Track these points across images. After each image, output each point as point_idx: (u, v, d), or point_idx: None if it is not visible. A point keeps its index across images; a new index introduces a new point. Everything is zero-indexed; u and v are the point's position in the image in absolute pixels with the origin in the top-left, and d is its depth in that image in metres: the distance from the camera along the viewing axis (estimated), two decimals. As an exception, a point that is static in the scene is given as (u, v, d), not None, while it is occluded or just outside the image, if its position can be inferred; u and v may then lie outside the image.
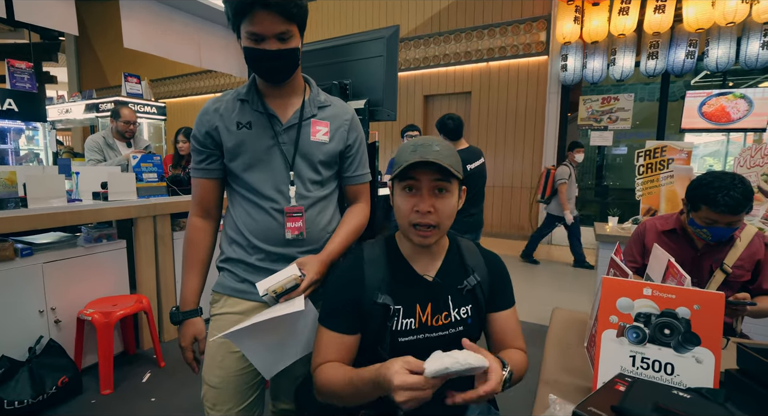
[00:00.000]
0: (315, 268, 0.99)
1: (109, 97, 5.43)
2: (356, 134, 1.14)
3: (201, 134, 1.05)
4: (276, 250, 1.06)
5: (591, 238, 5.59)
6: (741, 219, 1.33)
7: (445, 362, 0.67)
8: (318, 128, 1.07)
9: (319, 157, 1.07)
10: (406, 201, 0.85)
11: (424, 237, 0.85)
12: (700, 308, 0.74)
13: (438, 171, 0.82)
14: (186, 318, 1.07)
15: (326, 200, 1.12)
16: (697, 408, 0.54)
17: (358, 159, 1.15)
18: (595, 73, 5.24)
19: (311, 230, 1.08)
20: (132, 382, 2.13)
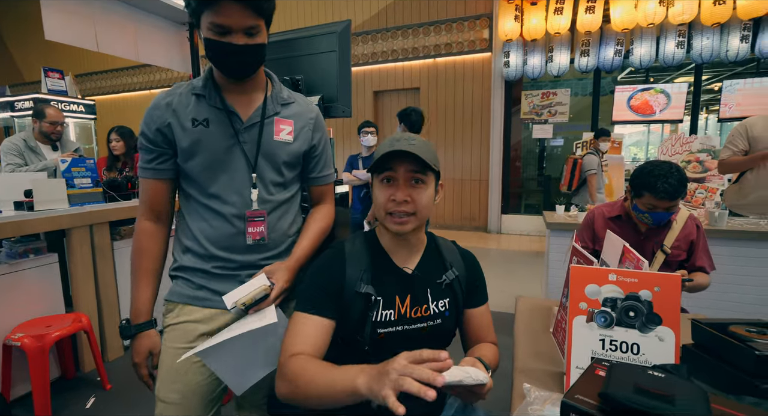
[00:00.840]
0: (284, 276, 0.97)
1: (27, 94, 4.87)
2: (321, 134, 1.10)
3: (151, 131, 0.96)
4: (235, 257, 1.00)
5: (539, 225, 5.92)
6: (677, 204, 1.46)
7: (457, 374, 0.68)
8: (282, 126, 1.02)
9: (283, 158, 1.02)
10: (383, 192, 0.87)
11: (400, 225, 0.86)
12: (660, 290, 0.79)
13: (414, 162, 0.84)
14: (139, 330, 0.98)
15: (288, 204, 1.08)
16: (670, 385, 0.58)
17: (324, 159, 1.12)
18: (535, 70, 5.51)
19: (273, 235, 1.04)
20: (74, 410, 1.94)
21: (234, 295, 0.89)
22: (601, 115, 5.73)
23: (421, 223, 0.90)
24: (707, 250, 1.61)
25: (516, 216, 6.20)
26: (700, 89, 5.38)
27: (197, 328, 1.00)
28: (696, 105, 5.38)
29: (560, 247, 2.62)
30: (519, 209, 6.54)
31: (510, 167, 6.20)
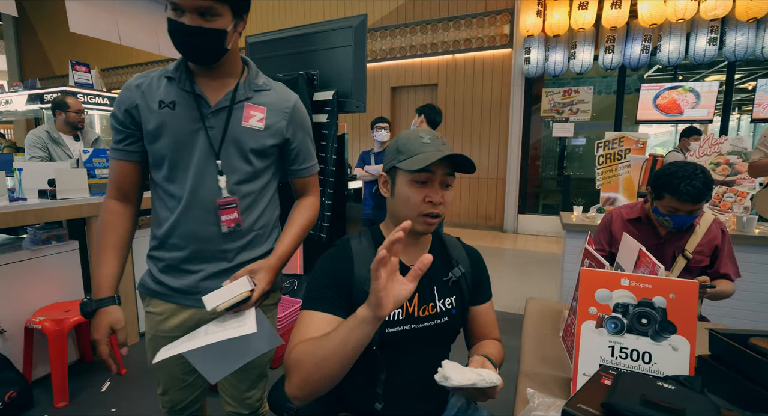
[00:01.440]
0: (266, 277, 0.94)
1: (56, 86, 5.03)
2: (298, 126, 1.05)
3: (120, 112, 0.96)
4: (199, 247, 0.99)
5: (556, 226, 5.80)
6: (701, 207, 1.39)
7: (471, 377, 0.68)
8: (252, 113, 0.98)
9: (251, 145, 0.98)
10: (418, 192, 0.85)
11: (430, 225, 0.86)
12: (676, 297, 0.75)
13: (449, 165, 0.85)
14: (99, 306, 0.94)
15: (256, 195, 1.03)
16: (681, 398, 0.55)
17: (304, 150, 1.08)
18: (557, 66, 5.38)
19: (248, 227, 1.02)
20: (90, 392, 2.00)
21: (214, 298, 0.86)
22: (625, 114, 5.56)
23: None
24: (733, 256, 1.53)
25: (533, 216, 6.09)
26: (732, 88, 5.15)
27: (161, 321, 1.03)
28: (727, 105, 5.16)
29: (577, 249, 2.55)
30: (537, 209, 6.42)
31: (528, 165, 6.09)
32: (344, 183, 2.52)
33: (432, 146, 0.85)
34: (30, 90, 5.12)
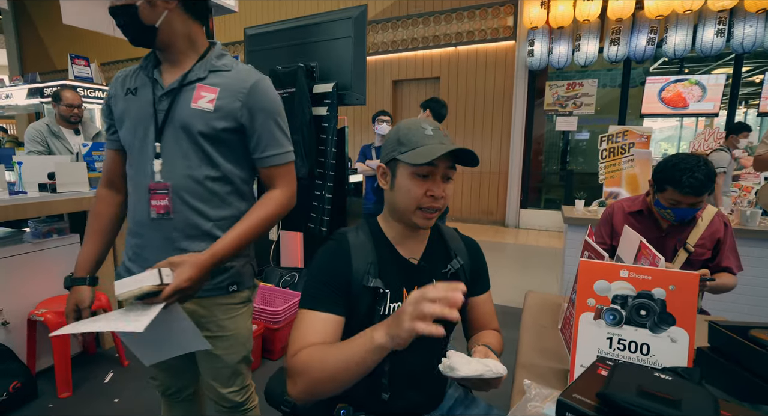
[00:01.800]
0: (186, 273, 0.84)
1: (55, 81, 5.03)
2: (258, 109, 0.97)
3: (105, 103, 1.03)
4: (151, 234, 0.98)
5: (558, 221, 5.78)
6: (703, 200, 1.38)
7: (478, 368, 0.67)
8: (203, 93, 0.94)
9: (199, 127, 0.93)
10: (419, 186, 0.83)
11: (428, 220, 0.85)
12: (675, 289, 0.74)
13: (451, 159, 0.83)
14: (73, 284, 1.01)
15: (214, 182, 0.98)
16: (678, 389, 0.54)
17: (266, 137, 0.99)
18: (561, 59, 5.32)
19: (183, 213, 0.96)
20: (93, 383, 2.01)
21: (125, 283, 0.80)
22: (629, 108, 5.51)
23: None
24: (735, 250, 1.52)
25: (535, 211, 6.07)
26: (739, 81, 5.09)
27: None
28: (734, 98, 5.10)
29: (578, 242, 2.54)
30: (539, 204, 6.40)
31: (531, 160, 6.05)
32: (345, 177, 2.50)
33: (435, 138, 0.83)
34: (30, 84, 5.12)
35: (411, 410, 0.91)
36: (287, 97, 2.31)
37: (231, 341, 1.07)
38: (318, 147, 2.35)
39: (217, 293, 1.03)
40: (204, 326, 1.04)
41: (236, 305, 1.07)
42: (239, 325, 1.09)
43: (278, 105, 1.01)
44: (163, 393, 1.22)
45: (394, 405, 0.89)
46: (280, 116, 1.01)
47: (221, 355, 1.07)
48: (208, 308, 1.03)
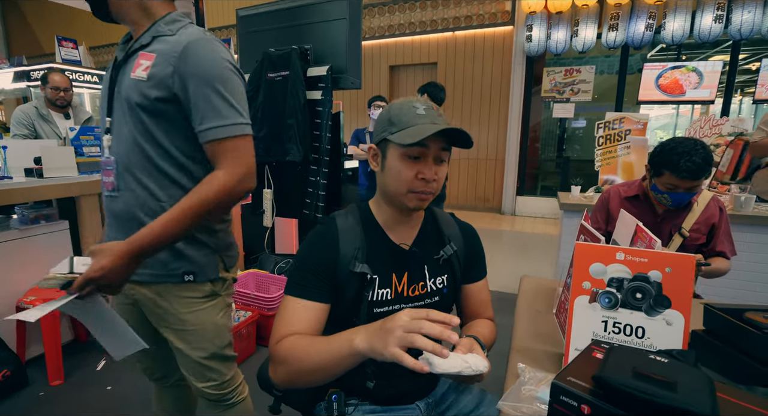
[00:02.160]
0: (99, 262, 0.79)
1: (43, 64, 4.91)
2: (190, 74, 0.86)
3: None
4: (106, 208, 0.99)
5: (554, 208, 5.79)
6: (700, 184, 1.36)
7: (456, 365, 0.65)
8: (141, 62, 0.88)
9: (135, 99, 0.87)
10: (410, 168, 0.79)
11: (422, 201, 0.82)
12: (672, 271, 0.73)
13: (444, 140, 0.79)
14: None
15: (162, 160, 0.92)
16: (674, 371, 0.53)
17: (202, 107, 0.86)
18: (559, 45, 5.26)
19: (135, 192, 0.92)
20: (85, 371, 2.00)
21: (56, 270, 0.81)
22: (626, 97, 5.47)
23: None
24: (729, 234, 1.52)
25: (531, 198, 6.07)
26: (736, 68, 5.05)
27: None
28: (730, 85, 5.08)
29: (574, 228, 2.53)
30: (535, 191, 6.40)
31: (528, 147, 6.02)
32: (340, 163, 2.47)
33: (427, 118, 0.79)
34: (16, 67, 4.99)
35: (402, 397, 0.90)
36: (280, 80, 2.26)
37: (195, 336, 1.02)
38: (312, 132, 2.31)
39: (171, 280, 0.97)
40: (163, 318, 1.01)
41: (198, 298, 1.01)
42: (203, 320, 1.02)
43: (218, 69, 0.87)
44: (150, 378, 1.21)
45: (382, 392, 0.88)
46: (222, 82, 0.87)
47: (184, 350, 1.03)
48: (167, 299, 0.99)
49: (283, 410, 0.99)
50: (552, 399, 0.55)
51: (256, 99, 2.33)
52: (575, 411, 0.52)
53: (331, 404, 0.88)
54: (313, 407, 0.95)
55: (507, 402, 0.73)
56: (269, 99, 2.30)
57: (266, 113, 2.31)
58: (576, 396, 0.52)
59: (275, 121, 2.29)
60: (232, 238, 1.10)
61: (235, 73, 0.91)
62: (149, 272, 0.96)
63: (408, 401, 0.91)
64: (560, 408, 0.54)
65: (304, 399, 0.96)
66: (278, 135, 2.29)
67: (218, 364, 1.08)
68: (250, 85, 2.35)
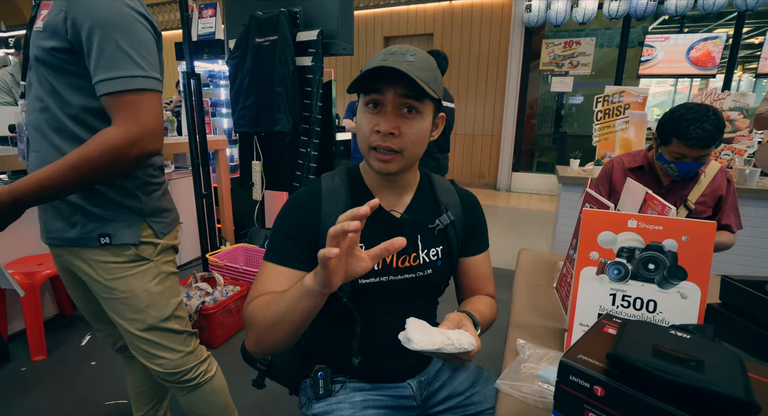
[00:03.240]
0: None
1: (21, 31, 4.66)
2: (84, 18, 0.77)
3: None
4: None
5: (550, 184, 5.73)
6: (709, 153, 1.29)
7: (436, 341, 0.58)
8: (42, 12, 0.82)
9: (35, 52, 0.82)
10: (368, 119, 0.70)
11: (384, 162, 0.71)
12: (689, 240, 0.67)
13: (407, 85, 0.67)
14: None
15: (70, 120, 0.85)
16: (699, 349, 0.47)
17: (95, 57, 0.78)
18: (559, 15, 5.06)
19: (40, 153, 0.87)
20: (69, 346, 1.95)
21: None
22: (625, 73, 5.33)
23: (409, 163, 0.74)
24: (736, 207, 1.46)
25: (527, 174, 6.00)
26: (739, 41, 4.92)
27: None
28: (733, 59, 4.95)
29: (572, 203, 2.48)
30: (531, 167, 6.32)
31: (524, 122, 5.90)
32: (332, 135, 2.36)
33: (387, 62, 0.66)
34: (-7, 34, 4.73)
35: (392, 374, 0.85)
36: (268, 45, 2.12)
37: (126, 305, 0.97)
38: (303, 101, 2.20)
39: (89, 244, 0.92)
40: (92, 286, 0.98)
41: (121, 263, 0.95)
42: (132, 287, 0.97)
43: (115, 14, 0.79)
44: (114, 348, 1.18)
45: (371, 369, 0.83)
46: (119, 29, 0.79)
47: (121, 324, 0.99)
48: (90, 265, 0.94)
49: (269, 385, 0.94)
50: (560, 379, 0.49)
51: (243, 65, 2.20)
52: (587, 392, 0.46)
53: (317, 381, 0.83)
54: (299, 384, 0.90)
55: (506, 380, 0.67)
56: (257, 66, 2.17)
57: (254, 81, 2.19)
58: (588, 376, 0.46)
59: (263, 89, 2.17)
60: (165, 203, 1.04)
61: (139, 21, 0.83)
62: (67, 237, 0.92)
63: (399, 379, 0.85)
64: (569, 389, 0.48)
65: (289, 374, 0.91)
66: (266, 104, 2.17)
67: (161, 338, 1.02)
68: (237, 51, 2.21)
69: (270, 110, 2.16)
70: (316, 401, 0.82)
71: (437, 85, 0.71)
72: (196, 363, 1.08)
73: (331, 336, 0.85)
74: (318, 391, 0.82)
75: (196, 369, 1.08)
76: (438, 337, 0.59)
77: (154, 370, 1.04)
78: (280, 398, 1.59)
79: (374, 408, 0.81)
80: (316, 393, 0.82)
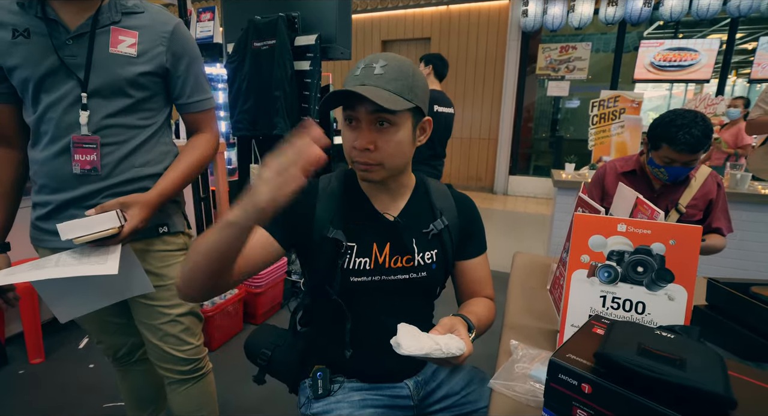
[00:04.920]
0: (141, 214, 0.87)
1: None
2: (181, 53, 0.96)
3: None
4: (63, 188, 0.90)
5: (547, 188, 5.77)
6: (698, 158, 1.32)
7: (424, 346, 0.60)
8: (121, 38, 0.89)
9: (124, 75, 0.89)
10: (348, 135, 0.74)
11: (366, 172, 0.75)
12: (676, 243, 0.69)
13: (372, 102, 0.67)
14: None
15: (139, 129, 0.94)
16: (682, 348, 0.49)
17: (191, 83, 0.99)
18: (555, 20, 5.12)
19: (110, 163, 0.91)
20: (67, 349, 1.96)
21: (74, 227, 0.78)
22: (620, 77, 5.39)
23: (393, 172, 0.77)
24: (726, 211, 1.49)
25: (524, 178, 6.04)
26: (732, 47, 4.99)
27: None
28: (726, 64, 5.02)
29: (567, 206, 2.50)
30: (527, 171, 6.36)
31: (521, 126, 5.95)
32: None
33: (358, 80, 0.70)
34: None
35: (390, 374, 0.87)
36: (267, 50, 2.14)
37: (173, 291, 1.03)
38: (301, 105, 2.22)
39: (147, 235, 0.98)
40: None
41: (172, 251, 1.03)
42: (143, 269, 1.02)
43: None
44: (115, 358, 1.18)
45: (367, 369, 0.85)
46: (201, 61, 1.02)
47: (164, 307, 1.02)
48: (142, 256, 0.97)
49: (268, 384, 0.96)
50: (549, 378, 0.51)
51: (242, 69, 2.22)
52: (575, 390, 0.48)
53: (316, 381, 0.84)
54: (298, 383, 0.91)
55: (499, 380, 0.69)
56: (255, 69, 2.19)
57: (252, 84, 2.21)
58: (576, 374, 0.48)
59: (261, 93, 2.19)
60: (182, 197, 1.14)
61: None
62: None
63: (396, 379, 0.87)
64: (558, 387, 0.50)
65: (290, 371, 0.93)
66: (265, 108, 2.19)
67: (192, 324, 1.09)
68: (235, 55, 2.24)
69: (268, 113, 2.18)
70: (315, 401, 0.84)
71: (413, 92, 0.72)
72: (206, 352, 1.16)
73: (325, 334, 0.87)
74: (317, 391, 0.83)
75: (205, 358, 1.16)
76: (426, 342, 0.60)
77: (182, 358, 1.07)
78: (278, 398, 1.60)
79: (372, 407, 0.83)
80: (315, 393, 0.84)
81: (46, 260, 0.82)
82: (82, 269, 0.76)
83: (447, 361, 0.64)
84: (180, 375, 1.09)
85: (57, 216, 0.92)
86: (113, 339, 1.14)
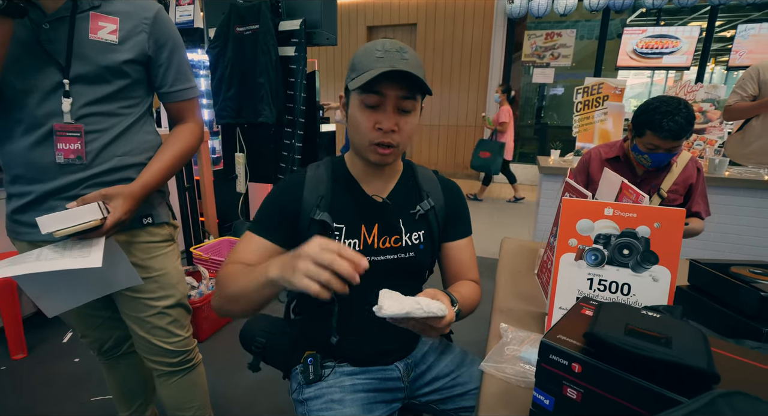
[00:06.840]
0: (124, 206, 0.85)
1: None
2: (164, 40, 0.93)
3: None
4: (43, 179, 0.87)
5: (532, 175, 5.83)
6: (681, 145, 1.35)
7: (405, 306, 0.60)
8: (102, 23, 0.86)
9: (106, 62, 0.86)
10: (368, 118, 0.74)
11: (383, 156, 0.76)
12: (661, 226, 0.71)
13: (405, 86, 0.71)
14: None
15: (119, 117, 0.92)
16: (666, 327, 0.51)
17: (173, 70, 0.96)
18: (540, 7, 5.12)
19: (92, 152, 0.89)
20: (51, 344, 1.92)
21: (54, 220, 0.75)
22: (604, 64, 5.44)
23: (400, 154, 0.81)
24: (705, 195, 1.53)
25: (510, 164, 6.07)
26: (712, 35, 5.07)
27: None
28: (706, 52, 5.10)
29: (552, 192, 2.54)
30: (513, 158, 6.40)
31: (507, 113, 5.96)
32: (316, 127, 2.35)
33: (385, 61, 0.70)
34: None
35: (380, 357, 0.87)
36: (250, 35, 2.09)
37: (160, 282, 1.02)
38: (286, 92, 2.18)
39: (131, 226, 0.96)
40: None
41: (157, 243, 1.02)
42: (165, 265, 1.03)
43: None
44: (100, 352, 1.17)
45: (357, 351, 0.86)
46: (184, 48, 0.99)
47: (150, 299, 1.01)
48: (126, 248, 0.95)
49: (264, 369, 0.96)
50: (541, 358, 0.52)
51: (224, 55, 2.16)
52: (566, 369, 0.49)
53: (307, 366, 0.85)
54: (290, 370, 0.92)
55: (489, 363, 0.71)
56: (238, 56, 2.14)
57: (235, 71, 2.16)
58: (566, 354, 0.49)
59: (245, 79, 2.14)
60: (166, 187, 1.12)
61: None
62: None
63: (386, 361, 0.88)
64: (549, 367, 0.51)
65: (283, 357, 0.93)
66: (249, 95, 2.14)
67: (180, 316, 1.08)
68: (217, 40, 2.17)
69: (253, 100, 2.14)
70: (307, 386, 0.84)
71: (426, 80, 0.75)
72: (195, 343, 1.15)
73: (315, 319, 0.87)
74: (308, 376, 0.84)
75: (195, 349, 1.15)
76: (407, 302, 0.60)
77: (167, 350, 1.06)
78: (269, 387, 1.61)
79: (363, 391, 0.84)
80: (306, 379, 0.84)
81: (27, 255, 0.80)
82: (65, 263, 0.74)
83: (430, 327, 0.64)
84: (169, 367, 1.09)
85: (36, 208, 0.89)
86: (98, 333, 1.12)
